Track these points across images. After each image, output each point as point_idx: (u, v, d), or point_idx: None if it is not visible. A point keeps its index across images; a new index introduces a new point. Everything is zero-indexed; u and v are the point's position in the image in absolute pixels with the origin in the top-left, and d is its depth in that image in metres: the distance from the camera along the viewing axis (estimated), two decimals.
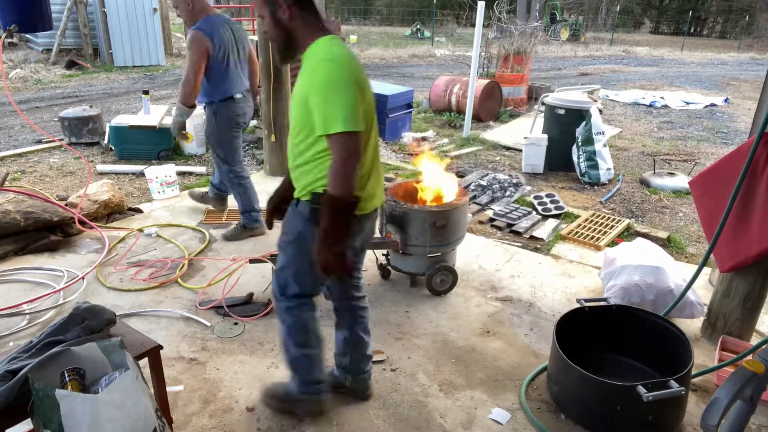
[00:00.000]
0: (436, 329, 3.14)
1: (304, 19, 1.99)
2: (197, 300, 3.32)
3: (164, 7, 13.67)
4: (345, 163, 1.90)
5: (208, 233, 4.19)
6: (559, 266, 3.92)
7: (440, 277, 3.42)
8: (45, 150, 6.35)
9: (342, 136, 1.87)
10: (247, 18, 10.59)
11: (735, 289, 2.93)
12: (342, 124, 1.86)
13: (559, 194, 5.28)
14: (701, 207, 3.04)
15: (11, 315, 3.07)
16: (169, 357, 2.79)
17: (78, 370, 1.62)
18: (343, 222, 1.97)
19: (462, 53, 17.92)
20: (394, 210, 3.32)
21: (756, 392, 1.83)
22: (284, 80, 5.27)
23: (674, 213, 5.16)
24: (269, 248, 3.94)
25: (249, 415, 2.45)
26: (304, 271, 2.18)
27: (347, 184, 1.92)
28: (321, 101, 1.89)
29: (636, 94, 11.53)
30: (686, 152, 7.40)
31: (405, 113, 7.44)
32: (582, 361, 2.39)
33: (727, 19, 36.28)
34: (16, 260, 3.69)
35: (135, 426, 1.59)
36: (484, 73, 10.47)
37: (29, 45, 13.19)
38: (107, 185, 4.50)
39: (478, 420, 2.47)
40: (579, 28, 27.31)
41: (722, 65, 19.73)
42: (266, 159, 5.55)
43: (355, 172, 1.93)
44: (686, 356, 2.43)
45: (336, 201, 1.93)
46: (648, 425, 2.30)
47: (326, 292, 2.56)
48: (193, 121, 6.20)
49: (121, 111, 8.22)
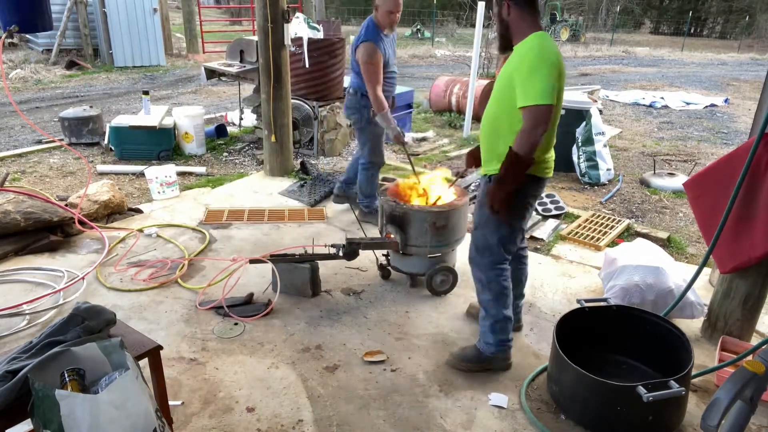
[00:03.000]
0: (436, 329, 3.14)
1: (521, 17, 2.39)
2: (197, 300, 3.32)
3: (164, 7, 13.68)
4: (534, 129, 2.24)
5: (208, 233, 4.19)
6: (559, 266, 3.92)
7: (440, 277, 3.42)
8: (45, 150, 6.35)
9: (537, 108, 2.22)
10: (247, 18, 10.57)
11: (735, 289, 2.93)
12: (539, 97, 2.22)
13: (559, 194, 5.28)
14: (697, 208, 3.03)
15: (11, 315, 3.07)
16: (169, 357, 2.79)
17: (78, 371, 1.62)
18: (517, 175, 2.35)
19: (462, 53, 17.94)
20: (394, 210, 3.32)
21: (756, 393, 1.83)
22: (284, 80, 5.27)
23: (674, 213, 5.16)
24: (269, 248, 3.94)
25: (249, 415, 2.45)
26: (507, 237, 2.59)
27: (530, 147, 2.28)
28: (525, 78, 2.26)
29: (636, 94, 11.53)
30: (686, 153, 7.40)
31: (405, 113, 7.43)
32: (582, 361, 2.39)
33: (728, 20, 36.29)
34: (16, 260, 3.69)
35: (135, 426, 1.59)
36: (484, 74, 10.48)
37: (29, 45, 13.19)
38: (107, 185, 4.50)
39: (478, 420, 2.47)
40: (579, 28, 27.31)
41: (722, 65, 19.73)
42: (266, 159, 5.56)
43: (539, 139, 2.27)
44: (686, 356, 2.43)
45: (517, 158, 2.30)
46: (648, 425, 2.30)
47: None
48: (194, 121, 6.21)
49: (121, 111, 8.22)
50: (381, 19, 3.93)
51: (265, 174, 5.60)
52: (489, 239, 2.61)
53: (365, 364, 2.82)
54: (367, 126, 4.19)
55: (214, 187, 5.27)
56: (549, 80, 2.23)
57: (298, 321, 3.17)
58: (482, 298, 2.72)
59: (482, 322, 2.76)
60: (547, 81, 2.23)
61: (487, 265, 2.64)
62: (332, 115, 6.37)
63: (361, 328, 3.12)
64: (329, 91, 6.31)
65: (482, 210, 2.59)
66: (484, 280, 2.67)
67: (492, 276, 2.64)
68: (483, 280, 2.67)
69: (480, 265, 2.67)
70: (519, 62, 2.32)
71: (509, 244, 2.63)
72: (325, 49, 6.02)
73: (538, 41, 2.32)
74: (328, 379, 2.70)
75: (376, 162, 4.36)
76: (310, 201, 4.91)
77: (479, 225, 2.64)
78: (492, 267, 2.64)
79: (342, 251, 3.33)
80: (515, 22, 2.41)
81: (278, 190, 5.19)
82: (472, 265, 2.73)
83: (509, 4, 2.38)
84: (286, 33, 5.08)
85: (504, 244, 2.61)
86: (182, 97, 9.95)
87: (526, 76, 2.26)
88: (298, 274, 3.36)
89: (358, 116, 4.18)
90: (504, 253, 2.64)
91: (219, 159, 6.25)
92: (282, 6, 5.03)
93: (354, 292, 3.49)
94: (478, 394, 2.63)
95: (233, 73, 6.06)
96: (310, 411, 2.49)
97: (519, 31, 2.41)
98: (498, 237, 2.58)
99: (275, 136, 5.38)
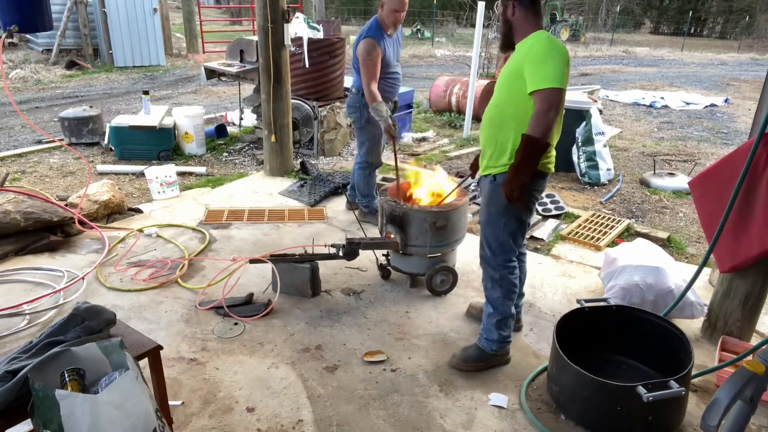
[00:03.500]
0: (436, 329, 3.14)
1: (525, 17, 2.45)
2: (197, 300, 3.32)
3: (164, 7, 13.68)
4: (547, 112, 2.29)
5: (208, 233, 4.19)
6: (559, 266, 3.92)
7: (440, 277, 3.42)
8: (45, 150, 6.35)
9: (550, 90, 2.27)
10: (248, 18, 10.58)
11: (735, 289, 2.93)
12: (552, 81, 2.27)
13: (559, 194, 5.28)
14: (701, 208, 3.04)
15: (11, 315, 3.07)
16: (169, 357, 2.79)
17: (78, 371, 1.62)
18: (534, 160, 2.36)
19: (462, 53, 17.95)
20: (394, 210, 3.32)
21: (756, 393, 1.83)
22: (284, 80, 5.27)
23: (674, 213, 5.16)
24: (269, 248, 3.94)
25: (249, 415, 2.45)
26: (517, 231, 2.62)
27: (545, 130, 2.31)
28: (536, 65, 2.31)
29: (636, 94, 11.53)
30: (686, 152, 7.40)
31: (405, 113, 7.43)
32: (582, 361, 2.39)
33: (728, 20, 36.29)
34: (16, 260, 3.69)
35: (135, 426, 1.59)
36: (484, 74, 10.48)
37: (29, 45, 13.18)
38: (107, 185, 4.50)
39: (478, 420, 2.47)
40: (579, 28, 27.31)
41: (722, 65, 19.73)
42: (266, 159, 5.56)
43: (552, 123, 2.31)
44: (686, 357, 2.43)
45: (534, 141, 2.32)
46: (648, 426, 2.30)
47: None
48: (194, 121, 6.21)
49: (121, 111, 8.22)
50: (385, 18, 3.93)
51: (265, 174, 5.60)
52: (500, 237, 2.63)
53: (365, 364, 2.82)
54: (366, 125, 4.19)
55: (214, 187, 5.27)
56: (560, 66, 2.30)
57: (298, 321, 3.17)
58: (492, 296, 2.74)
59: (488, 319, 2.77)
60: (559, 66, 2.30)
61: (501, 263, 2.68)
62: (332, 115, 6.37)
63: (361, 328, 3.12)
64: (329, 91, 6.32)
65: (489, 209, 2.62)
66: (497, 277, 2.70)
67: (504, 273, 2.69)
68: (495, 277, 2.70)
69: (493, 264, 2.70)
70: (528, 51, 2.37)
71: (519, 237, 2.68)
72: (325, 49, 6.02)
73: (545, 34, 2.40)
74: (328, 379, 2.70)
75: (372, 162, 4.37)
76: (310, 201, 4.91)
77: (487, 224, 2.66)
78: (505, 264, 2.68)
79: (342, 251, 3.33)
80: (519, 23, 2.47)
81: (278, 190, 5.19)
82: (484, 264, 2.75)
83: (514, 5, 2.44)
84: (286, 33, 5.08)
85: (515, 238, 2.65)
86: (182, 97, 9.95)
87: (538, 62, 2.31)
88: (298, 274, 3.36)
89: (357, 115, 4.18)
90: (515, 247, 2.68)
91: (219, 159, 6.25)
92: (282, 6, 5.03)
93: (354, 292, 3.49)
94: (478, 394, 2.63)
95: (233, 73, 6.06)
96: (310, 411, 2.49)
97: (521, 31, 2.47)
98: (508, 232, 2.62)
99: (275, 136, 5.38)
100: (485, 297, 2.80)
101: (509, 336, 2.81)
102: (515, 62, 2.44)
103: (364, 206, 4.49)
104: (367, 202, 4.49)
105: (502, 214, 2.58)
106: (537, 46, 2.36)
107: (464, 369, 2.79)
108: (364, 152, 4.33)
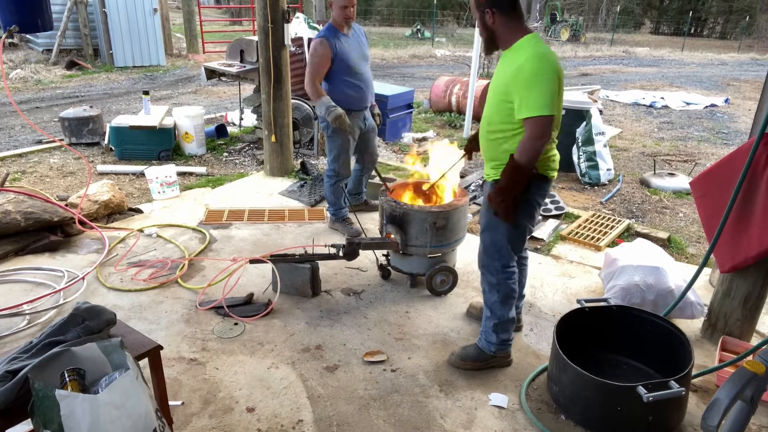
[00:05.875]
0: (436, 329, 3.14)
1: (505, 23, 2.37)
2: (197, 300, 3.32)
3: (164, 7, 13.67)
4: (535, 140, 2.28)
5: (209, 233, 4.19)
6: (559, 266, 3.92)
7: (440, 277, 3.42)
8: (45, 150, 6.35)
9: (540, 119, 2.25)
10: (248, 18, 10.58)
11: (735, 289, 2.93)
12: (541, 108, 2.24)
13: (560, 194, 5.28)
14: (702, 207, 3.04)
15: (11, 315, 3.07)
16: (169, 357, 2.79)
17: (78, 371, 1.62)
18: (518, 184, 2.37)
19: (462, 53, 17.94)
20: (394, 210, 3.32)
21: (756, 393, 1.83)
22: (284, 80, 5.27)
23: (674, 213, 5.16)
24: (269, 248, 3.94)
25: (249, 415, 2.45)
26: (516, 238, 2.61)
27: (531, 158, 2.31)
28: (525, 90, 2.26)
29: (636, 94, 11.53)
30: (686, 153, 7.40)
31: (405, 113, 7.44)
32: (582, 361, 2.39)
33: (728, 20, 36.26)
34: (17, 260, 3.69)
35: (135, 426, 1.59)
36: (484, 74, 10.48)
37: (29, 45, 13.18)
38: (107, 185, 4.50)
39: (478, 420, 2.47)
40: (579, 28, 27.29)
41: (722, 66, 19.72)
42: (266, 159, 5.56)
43: (541, 149, 2.31)
44: (686, 357, 2.43)
45: (519, 167, 2.33)
46: (648, 426, 2.30)
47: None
48: (194, 121, 6.21)
49: (121, 111, 8.22)
50: (336, 17, 3.85)
51: (265, 174, 5.60)
52: (498, 242, 2.61)
53: (365, 364, 2.82)
54: (333, 135, 4.04)
55: (214, 187, 5.27)
56: (549, 90, 2.25)
57: (298, 321, 3.17)
58: (489, 300, 2.73)
59: (486, 322, 2.77)
60: (547, 91, 2.24)
61: (498, 268, 2.65)
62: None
63: (361, 328, 3.12)
64: None
65: (489, 213, 2.60)
66: (495, 282, 2.68)
67: (502, 279, 2.66)
68: (493, 282, 2.68)
69: (491, 269, 2.68)
70: (516, 73, 2.29)
71: (518, 244, 2.65)
72: None
73: (532, 49, 2.30)
74: (328, 379, 2.70)
75: (340, 173, 4.20)
76: (310, 201, 4.91)
77: (487, 228, 2.64)
78: (503, 270, 2.65)
79: (342, 251, 3.33)
80: (501, 30, 2.40)
81: (278, 190, 5.19)
82: (482, 269, 2.72)
83: (493, 12, 2.36)
84: (286, 33, 5.08)
85: (513, 245, 2.62)
86: (182, 97, 9.95)
87: (527, 87, 2.26)
88: (299, 274, 3.36)
89: (325, 124, 4.03)
90: (513, 253, 2.65)
91: (219, 159, 6.25)
92: (282, 6, 5.03)
93: (354, 292, 3.49)
94: (478, 394, 2.63)
95: (233, 73, 6.06)
96: (310, 411, 2.49)
97: (505, 37, 2.41)
98: (507, 238, 2.59)
99: (275, 136, 5.38)
100: (483, 300, 2.80)
101: (509, 339, 2.79)
102: (503, 80, 2.38)
103: (332, 214, 4.39)
104: (334, 210, 4.38)
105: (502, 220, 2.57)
106: (526, 67, 2.26)
107: (462, 367, 2.79)
108: (331, 161, 4.18)
